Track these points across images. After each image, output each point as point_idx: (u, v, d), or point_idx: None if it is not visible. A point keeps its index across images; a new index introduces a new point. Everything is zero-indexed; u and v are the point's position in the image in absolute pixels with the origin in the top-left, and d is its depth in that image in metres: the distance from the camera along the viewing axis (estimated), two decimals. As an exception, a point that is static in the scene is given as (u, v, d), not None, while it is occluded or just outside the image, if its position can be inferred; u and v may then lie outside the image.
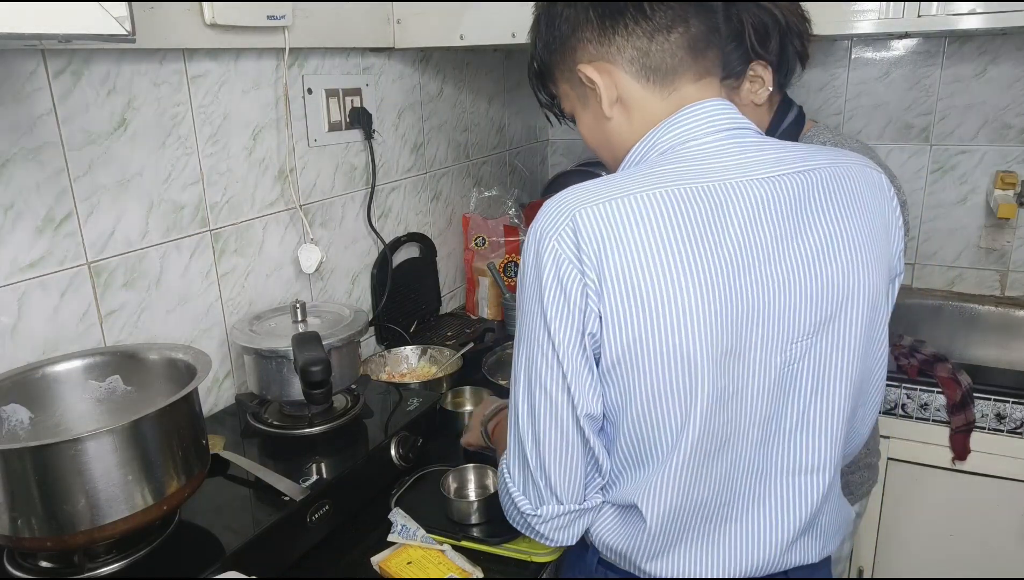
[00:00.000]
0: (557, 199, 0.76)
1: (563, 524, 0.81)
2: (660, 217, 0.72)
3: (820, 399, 0.82)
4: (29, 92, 0.99)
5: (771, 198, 0.76)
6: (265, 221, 1.37)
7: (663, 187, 0.73)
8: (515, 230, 1.94)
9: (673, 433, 0.75)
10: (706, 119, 0.80)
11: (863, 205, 0.81)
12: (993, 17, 1.54)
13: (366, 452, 1.14)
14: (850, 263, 0.79)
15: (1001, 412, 1.59)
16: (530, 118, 2.40)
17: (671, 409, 0.74)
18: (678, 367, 0.73)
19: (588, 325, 0.73)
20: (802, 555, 0.86)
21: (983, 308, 2.01)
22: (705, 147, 0.79)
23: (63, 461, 0.78)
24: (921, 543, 1.75)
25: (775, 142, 0.82)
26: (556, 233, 0.73)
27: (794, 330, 0.77)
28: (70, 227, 1.06)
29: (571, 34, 0.83)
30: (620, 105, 0.83)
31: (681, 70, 0.81)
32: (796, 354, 0.79)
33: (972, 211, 2.04)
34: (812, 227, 0.78)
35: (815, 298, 0.78)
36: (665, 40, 0.79)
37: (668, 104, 0.81)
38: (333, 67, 1.49)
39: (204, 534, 0.95)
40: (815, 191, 0.78)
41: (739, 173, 0.76)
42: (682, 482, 0.77)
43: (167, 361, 1.01)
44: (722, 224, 0.73)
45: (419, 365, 1.61)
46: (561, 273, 0.72)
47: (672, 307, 0.71)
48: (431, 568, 1.00)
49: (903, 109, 2.06)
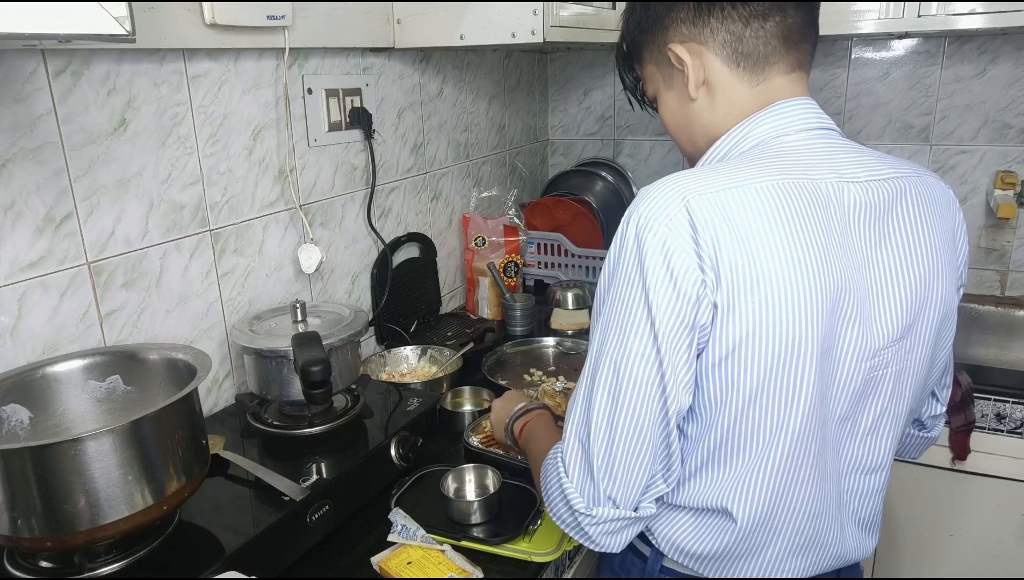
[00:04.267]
0: (663, 185, 0.73)
1: (614, 529, 0.77)
2: (773, 209, 0.71)
3: (895, 405, 0.83)
4: (29, 92, 0.99)
5: (864, 203, 0.76)
6: (265, 221, 1.37)
7: (770, 180, 0.72)
8: (515, 230, 1.94)
9: (773, 427, 0.74)
10: (798, 116, 0.80)
11: (940, 216, 0.82)
12: (993, 17, 1.54)
13: (366, 452, 1.14)
14: (930, 272, 0.80)
15: (1001, 412, 1.59)
16: (530, 118, 2.40)
17: (775, 402, 0.73)
18: (788, 359, 0.72)
19: (701, 317, 0.70)
20: (860, 551, 0.87)
21: (983, 308, 2.01)
22: (798, 143, 0.78)
23: (63, 461, 0.78)
24: (921, 543, 1.75)
25: (858, 145, 0.82)
26: (667, 220, 0.70)
27: (882, 336, 0.78)
28: (70, 227, 1.06)
29: (666, 13, 0.83)
30: (706, 88, 0.82)
31: (773, 59, 0.80)
32: (883, 361, 0.79)
33: (972, 211, 2.04)
34: (900, 234, 0.78)
35: (899, 305, 0.78)
36: (760, 27, 0.78)
37: (755, 93, 0.81)
38: (333, 67, 1.49)
39: (204, 534, 0.95)
40: (903, 201, 0.79)
41: (835, 174, 0.76)
42: (779, 479, 0.76)
43: (167, 361, 1.01)
44: (827, 222, 0.73)
45: (419, 365, 1.61)
46: (672, 263, 0.69)
47: (787, 298, 0.70)
48: (431, 568, 1.00)
49: (903, 109, 2.06)
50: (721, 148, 0.82)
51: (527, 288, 2.10)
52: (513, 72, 2.22)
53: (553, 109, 2.54)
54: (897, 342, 0.79)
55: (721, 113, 0.82)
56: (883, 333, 0.78)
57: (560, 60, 2.47)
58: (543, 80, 2.48)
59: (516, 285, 1.95)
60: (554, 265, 2.09)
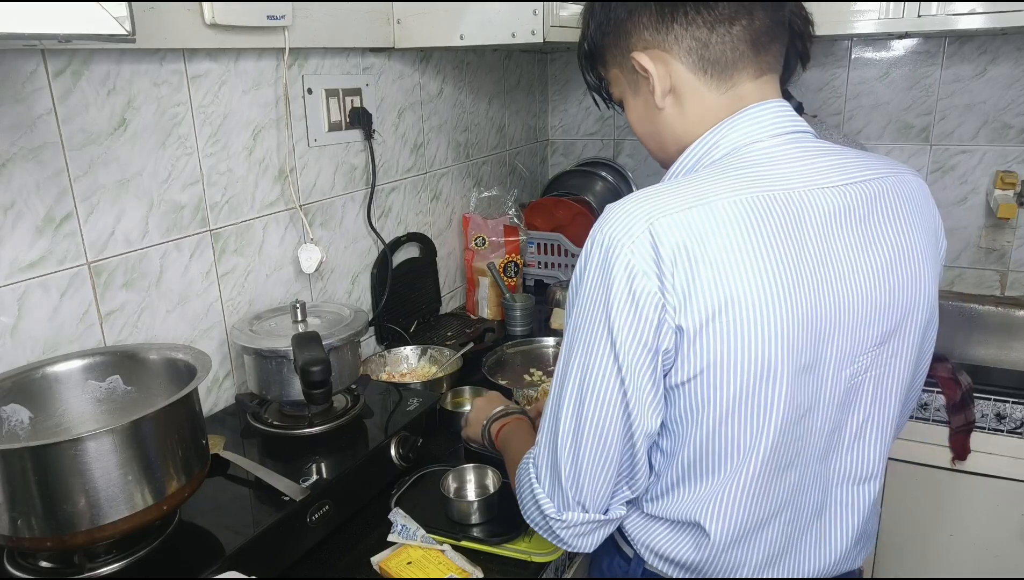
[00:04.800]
0: (627, 206, 0.71)
1: (584, 532, 0.79)
2: (742, 227, 0.69)
3: (877, 409, 0.81)
4: (29, 92, 0.99)
5: (842, 209, 0.74)
6: (265, 221, 1.37)
7: (739, 194, 0.70)
8: (515, 230, 1.94)
9: (744, 448, 0.73)
10: (769, 121, 0.77)
11: (919, 214, 0.80)
12: (993, 17, 1.54)
13: (366, 452, 1.14)
14: (914, 274, 0.78)
15: (1001, 412, 1.59)
16: (530, 118, 2.40)
17: (746, 423, 0.72)
18: (759, 380, 0.70)
19: (663, 342, 0.69)
20: (852, 562, 0.86)
21: (983, 308, 2.02)
22: (770, 150, 0.76)
23: (63, 461, 0.78)
24: (921, 543, 1.75)
25: (833, 147, 0.80)
26: (631, 243, 0.68)
27: (864, 343, 0.76)
28: (70, 227, 1.06)
29: (627, 18, 0.79)
30: (673, 96, 0.79)
31: (742, 65, 0.77)
32: (862, 366, 0.77)
33: (972, 211, 2.05)
34: (879, 238, 0.76)
35: (884, 310, 0.76)
36: (727, 32, 0.75)
37: (725, 99, 0.78)
38: (333, 67, 1.49)
39: (204, 534, 0.95)
40: (882, 202, 0.77)
41: (809, 180, 0.74)
42: (750, 498, 0.75)
43: (167, 361, 1.01)
44: (800, 235, 0.71)
45: (419, 365, 1.61)
46: (635, 287, 0.68)
47: (757, 320, 0.68)
48: (431, 568, 1.00)
49: (903, 109, 2.06)
50: (691, 157, 0.80)
51: (527, 288, 2.10)
52: (513, 72, 2.22)
53: (553, 109, 2.54)
54: (877, 346, 0.78)
55: (691, 121, 0.79)
56: (865, 340, 0.76)
57: (560, 60, 2.47)
58: (543, 80, 2.48)
59: (516, 285, 1.95)
60: (554, 265, 2.09)
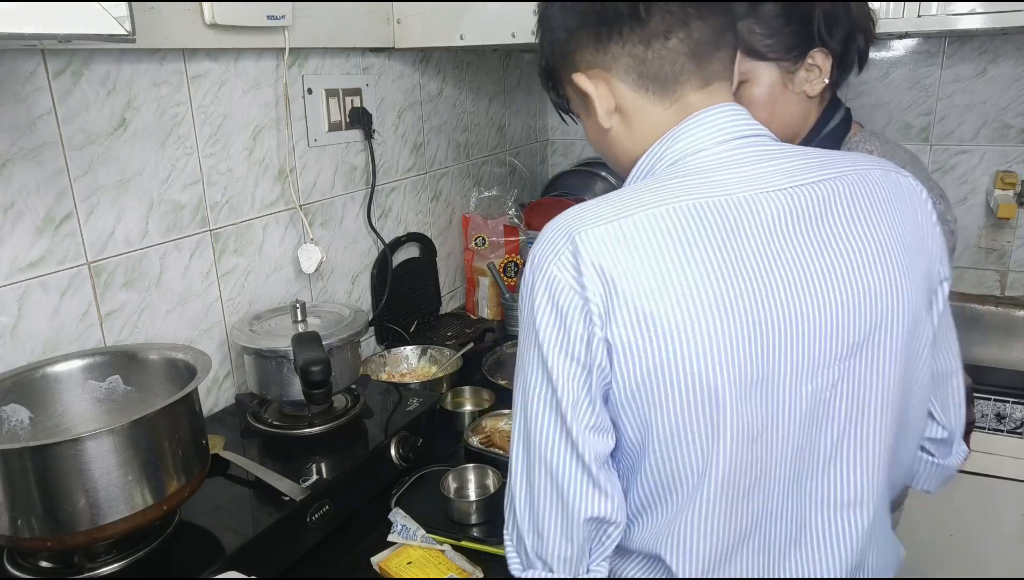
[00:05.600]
0: (555, 222, 0.70)
1: None
2: (667, 237, 0.66)
3: (856, 428, 0.74)
4: (29, 92, 0.99)
5: (792, 211, 0.70)
6: (265, 221, 1.37)
7: (667, 204, 0.67)
8: (515, 230, 1.94)
9: (695, 473, 0.68)
10: (717, 127, 0.74)
11: (892, 213, 0.74)
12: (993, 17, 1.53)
13: (366, 452, 1.14)
14: (884, 278, 0.72)
15: (1001, 412, 1.59)
16: (530, 118, 2.40)
17: (693, 446, 0.68)
18: (700, 400, 0.66)
19: (595, 356, 0.66)
20: None
21: (983, 308, 2.01)
22: (717, 157, 0.73)
23: (63, 461, 0.78)
24: (921, 543, 1.75)
25: (795, 149, 0.76)
26: (555, 258, 0.67)
27: (826, 354, 0.70)
28: (70, 227, 1.06)
29: (568, 39, 0.78)
30: (619, 114, 0.78)
31: (684, 77, 0.74)
32: (829, 380, 0.71)
33: (972, 211, 2.04)
34: (839, 240, 0.71)
35: (847, 317, 0.71)
36: (663, 47, 0.73)
37: (670, 113, 0.75)
38: (333, 67, 1.49)
39: (204, 534, 0.95)
40: (839, 201, 0.72)
41: (754, 185, 0.70)
42: (709, 525, 0.70)
43: (167, 361, 1.01)
44: (738, 241, 0.67)
45: (419, 365, 1.61)
46: (560, 301, 0.66)
47: (689, 334, 0.65)
48: (431, 568, 1.00)
49: (903, 109, 2.06)
50: (641, 170, 0.77)
51: (527, 288, 2.09)
52: (513, 72, 2.22)
53: (553, 109, 2.54)
54: (847, 359, 0.71)
55: (641, 136, 0.77)
56: (827, 350, 0.70)
57: (560, 60, 2.47)
58: (543, 80, 2.48)
59: (516, 285, 1.95)
60: (554, 265, 2.09)
